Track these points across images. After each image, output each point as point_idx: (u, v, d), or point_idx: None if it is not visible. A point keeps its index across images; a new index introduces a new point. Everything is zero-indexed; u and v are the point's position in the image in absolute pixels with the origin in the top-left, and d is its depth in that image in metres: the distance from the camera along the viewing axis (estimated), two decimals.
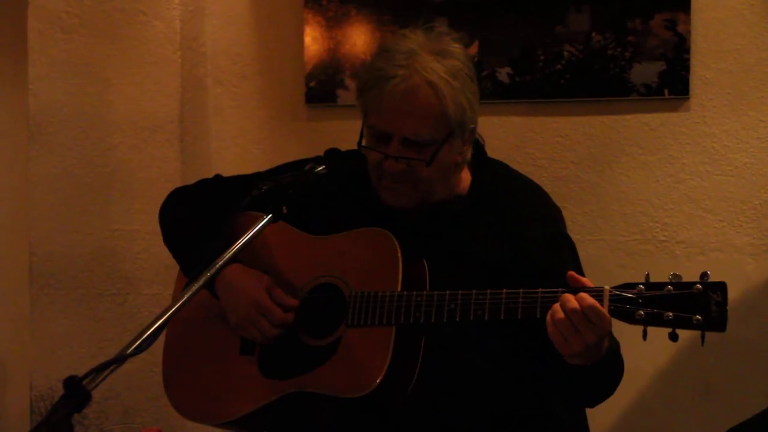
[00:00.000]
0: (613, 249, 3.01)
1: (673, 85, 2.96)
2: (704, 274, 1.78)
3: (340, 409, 2.02)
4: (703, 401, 2.98)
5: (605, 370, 1.93)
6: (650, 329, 1.82)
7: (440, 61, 2.00)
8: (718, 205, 2.95)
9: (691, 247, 2.94)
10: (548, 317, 1.81)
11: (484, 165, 2.15)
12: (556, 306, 1.80)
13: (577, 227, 3.02)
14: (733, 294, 2.90)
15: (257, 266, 2.13)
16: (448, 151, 2.03)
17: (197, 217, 2.19)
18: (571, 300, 1.79)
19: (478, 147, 2.16)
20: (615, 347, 1.98)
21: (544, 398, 2.11)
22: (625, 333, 2.01)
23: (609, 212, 3.03)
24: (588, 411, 2.21)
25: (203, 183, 2.33)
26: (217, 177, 2.33)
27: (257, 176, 2.21)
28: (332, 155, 2.07)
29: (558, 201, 2.99)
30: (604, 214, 3.03)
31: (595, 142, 3.03)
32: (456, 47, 2.05)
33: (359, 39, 3.16)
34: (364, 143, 2.06)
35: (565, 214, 3.00)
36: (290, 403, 2.05)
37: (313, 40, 3.20)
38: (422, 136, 1.99)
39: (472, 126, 2.06)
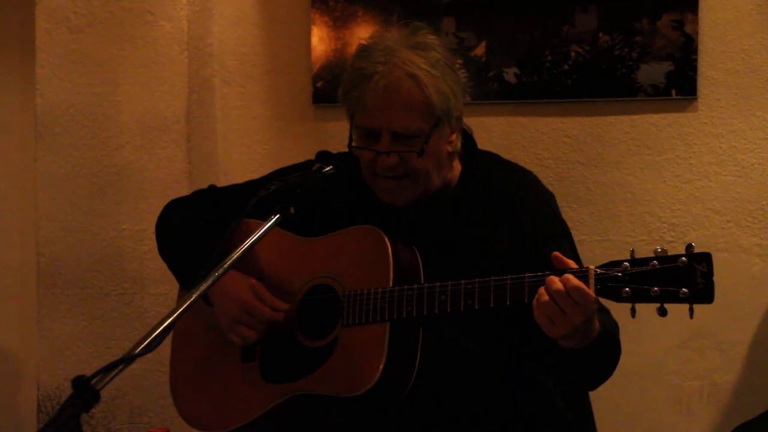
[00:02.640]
0: (620, 250, 3.01)
1: (680, 85, 2.95)
2: (689, 246, 1.77)
3: (343, 409, 2.02)
4: (709, 402, 2.98)
5: (598, 353, 1.92)
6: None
7: (418, 53, 2.02)
8: (726, 206, 2.95)
9: (698, 248, 2.93)
10: (534, 301, 1.81)
11: (473, 154, 2.16)
12: (542, 289, 1.80)
13: (584, 228, 3.02)
14: (740, 295, 2.93)
15: (252, 272, 2.14)
16: (438, 140, 2.03)
17: (194, 227, 2.20)
18: (555, 282, 1.79)
19: (468, 137, 2.17)
20: (611, 329, 1.97)
21: (548, 397, 2.11)
22: (630, 332, 2.01)
23: (616, 213, 3.03)
24: (594, 411, 2.21)
25: (199, 194, 2.34)
26: (212, 187, 2.34)
27: (251, 185, 2.22)
28: (324, 158, 2.08)
29: (565, 201, 3.01)
30: (611, 215, 3.03)
31: (602, 143, 3.03)
32: (433, 39, 2.07)
33: None
34: (354, 144, 2.07)
35: (572, 214, 3.03)
36: (293, 406, 2.05)
37: (320, 40, 3.20)
38: (410, 128, 2.00)
39: (458, 114, 2.07)
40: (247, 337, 2.10)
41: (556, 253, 1.84)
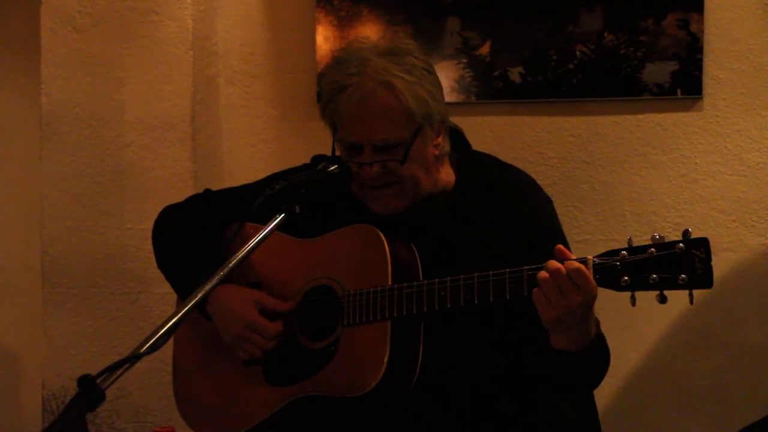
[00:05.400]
0: None
1: (685, 84, 2.95)
2: (686, 232, 1.77)
3: (346, 409, 2.02)
4: (715, 403, 2.97)
5: (590, 359, 1.92)
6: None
7: (392, 60, 1.99)
8: (731, 205, 2.95)
9: None
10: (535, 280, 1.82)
11: (469, 158, 2.15)
12: (542, 272, 1.82)
13: (588, 227, 3.02)
14: (745, 295, 2.93)
15: (251, 274, 2.13)
16: (421, 145, 2.02)
17: (189, 235, 2.20)
18: (555, 263, 1.81)
19: (461, 139, 2.15)
20: (601, 340, 1.97)
21: (552, 397, 2.10)
22: (635, 332, 2.01)
23: (621, 212, 3.02)
24: (598, 411, 2.21)
25: (193, 199, 2.33)
26: (207, 191, 2.33)
27: (246, 188, 2.22)
28: (320, 161, 2.07)
29: (570, 201, 3.01)
30: (615, 214, 3.02)
31: (608, 142, 3.03)
32: (408, 43, 2.05)
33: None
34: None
35: (577, 214, 3.03)
36: (298, 408, 2.06)
37: (324, 39, 3.20)
38: (390, 139, 1.99)
39: (440, 117, 2.05)
40: (253, 353, 2.09)
41: (560, 246, 1.84)
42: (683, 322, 2.94)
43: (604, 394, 2.13)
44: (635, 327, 2.92)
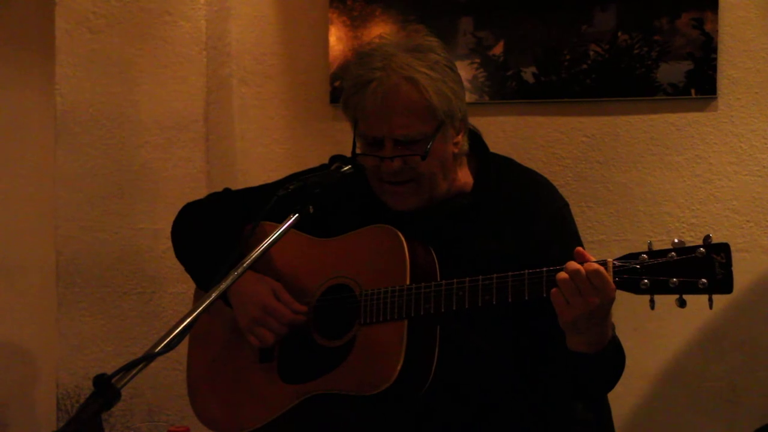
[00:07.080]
0: (638, 250, 2.99)
1: (700, 84, 2.94)
2: (707, 237, 1.76)
3: (361, 408, 2.02)
4: (729, 403, 2.96)
5: (607, 361, 1.92)
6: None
7: (416, 56, 2.00)
8: (746, 206, 2.94)
9: None
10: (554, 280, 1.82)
11: (486, 160, 2.15)
12: (561, 272, 1.82)
13: (602, 227, 3.01)
14: (759, 295, 2.91)
15: (269, 272, 2.14)
16: (442, 142, 2.03)
17: (211, 230, 2.21)
18: (574, 263, 1.81)
19: (478, 141, 2.16)
20: (617, 343, 1.97)
21: (566, 398, 2.10)
22: (649, 333, 2.00)
23: (635, 212, 3.01)
24: (612, 411, 2.20)
25: (214, 196, 2.35)
26: (227, 190, 2.35)
27: (265, 188, 2.23)
28: (336, 161, 2.08)
29: (583, 201, 3.01)
30: (629, 215, 3.02)
31: (621, 142, 3.02)
32: (431, 40, 2.06)
33: None
34: (358, 152, 2.06)
35: (591, 214, 3.02)
36: (312, 406, 2.06)
37: (338, 39, 3.20)
38: (411, 134, 2.00)
39: (462, 114, 2.06)
40: (265, 338, 2.10)
41: (579, 248, 1.84)
42: (696, 323, 2.94)
43: (617, 395, 2.12)
44: (647, 328, 2.92)
